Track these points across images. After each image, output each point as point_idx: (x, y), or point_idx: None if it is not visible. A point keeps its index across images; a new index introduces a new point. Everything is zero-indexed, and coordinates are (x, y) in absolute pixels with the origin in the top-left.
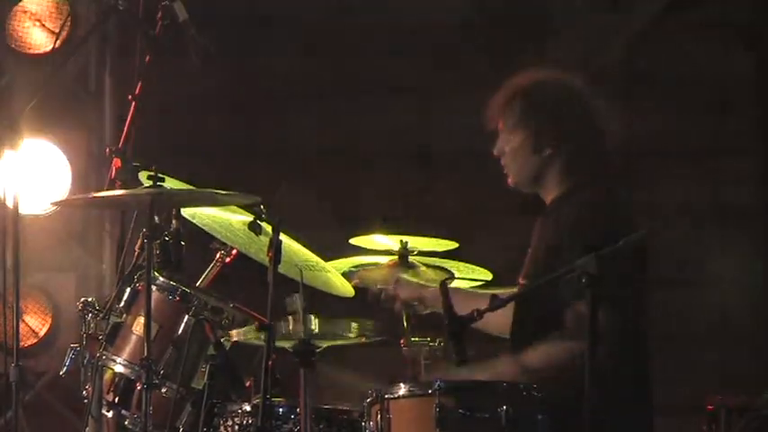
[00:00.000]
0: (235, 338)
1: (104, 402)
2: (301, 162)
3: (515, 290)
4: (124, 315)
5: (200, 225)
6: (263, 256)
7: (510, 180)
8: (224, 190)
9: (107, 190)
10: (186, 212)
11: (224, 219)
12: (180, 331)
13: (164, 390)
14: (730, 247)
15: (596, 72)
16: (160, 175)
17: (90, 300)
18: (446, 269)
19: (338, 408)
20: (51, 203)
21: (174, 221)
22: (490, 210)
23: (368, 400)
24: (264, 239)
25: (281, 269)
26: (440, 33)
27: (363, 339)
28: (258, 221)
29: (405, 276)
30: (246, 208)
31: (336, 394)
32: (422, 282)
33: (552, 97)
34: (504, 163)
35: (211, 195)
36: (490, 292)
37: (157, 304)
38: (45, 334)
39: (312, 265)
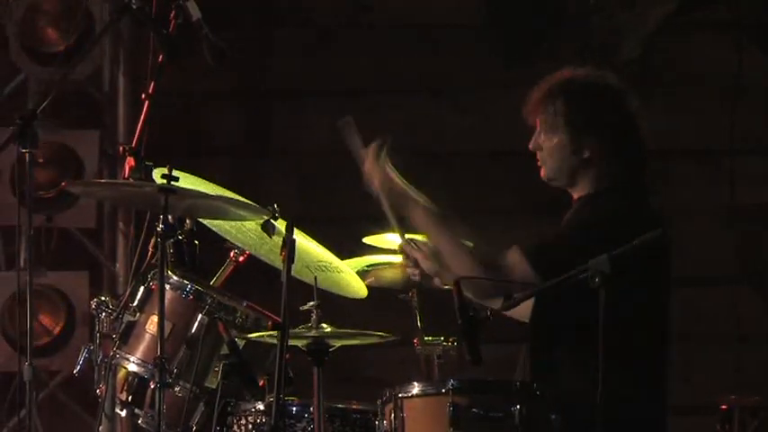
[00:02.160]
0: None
1: (118, 401)
2: (315, 161)
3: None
4: (138, 314)
5: (209, 226)
6: (275, 257)
7: (543, 174)
8: (237, 189)
9: None
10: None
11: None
12: (193, 330)
13: (177, 389)
14: (745, 247)
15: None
16: (174, 174)
17: (103, 299)
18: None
19: (352, 407)
20: (62, 185)
21: (187, 220)
22: (504, 209)
23: (381, 399)
24: (276, 240)
25: (293, 271)
26: (453, 33)
27: (377, 339)
28: (271, 221)
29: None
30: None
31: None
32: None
33: (596, 98)
34: (539, 158)
35: (223, 200)
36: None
37: (171, 303)
38: (58, 333)
39: (325, 266)
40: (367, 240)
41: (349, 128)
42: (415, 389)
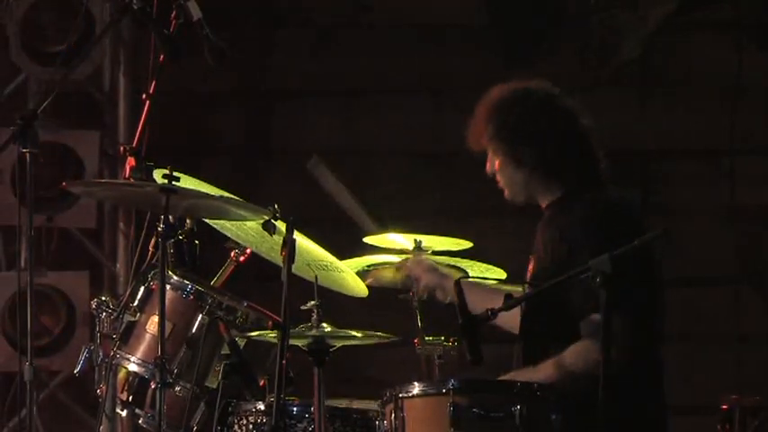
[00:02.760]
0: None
1: (118, 401)
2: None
3: (527, 289)
4: (138, 314)
5: (210, 223)
6: (275, 255)
7: (507, 195)
8: (237, 189)
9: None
10: None
11: None
12: (194, 330)
13: (178, 389)
14: (745, 247)
15: (611, 72)
16: (175, 174)
17: (104, 299)
18: (460, 268)
19: (352, 407)
20: (63, 185)
21: (188, 220)
22: (504, 209)
23: (382, 399)
24: (277, 239)
25: (294, 269)
26: (453, 33)
27: (377, 339)
28: (272, 221)
29: (427, 258)
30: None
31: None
32: (444, 270)
33: (518, 108)
34: (499, 180)
35: (223, 200)
36: (505, 289)
37: (171, 303)
38: (59, 333)
39: (325, 265)
40: (367, 240)
41: (319, 167)
42: (416, 389)
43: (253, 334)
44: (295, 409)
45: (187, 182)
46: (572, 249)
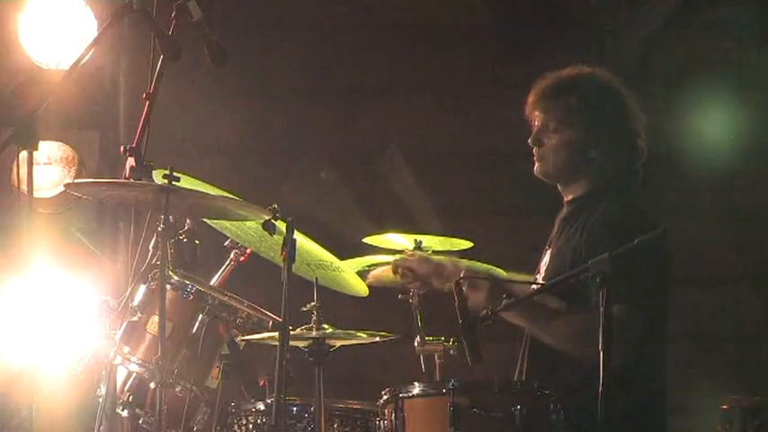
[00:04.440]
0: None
1: (119, 401)
2: (315, 161)
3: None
4: (138, 314)
5: (210, 223)
6: (275, 255)
7: (539, 170)
8: (237, 189)
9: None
10: None
11: None
12: (194, 330)
13: (178, 389)
14: (745, 247)
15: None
16: (175, 175)
17: (104, 299)
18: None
19: (352, 407)
20: (63, 186)
21: (188, 220)
22: (504, 209)
23: (382, 399)
24: (277, 238)
25: (294, 269)
26: (453, 33)
27: (378, 339)
28: (272, 221)
29: (422, 252)
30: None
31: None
32: (435, 258)
33: (608, 97)
34: (539, 153)
35: (224, 200)
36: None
37: (172, 303)
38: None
39: (326, 265)
40: (367, 240)
41: (395, 157)
42: (416, 389)
43: (254, 337)
44: (295, 409)
45: (187, 182)
46: (593, 249)
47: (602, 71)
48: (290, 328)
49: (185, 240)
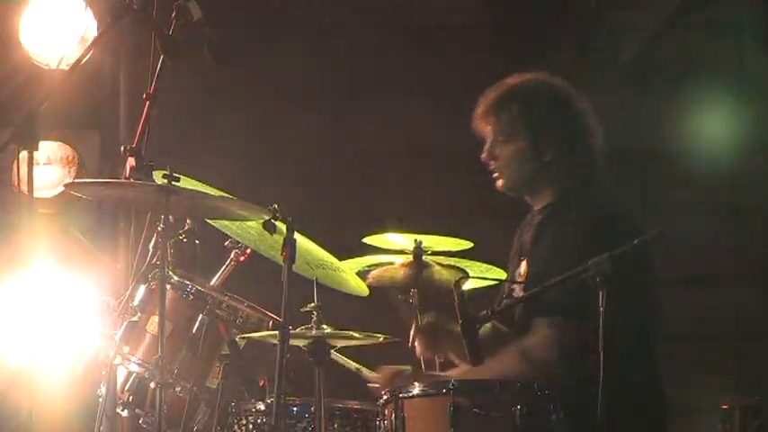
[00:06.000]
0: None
1: (119, 401)
2: (315, 161)
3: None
4: (138, 314)
5: (210, 222)
6: (275, 253)
7: (501, 184)
8: (237, 189)
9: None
10: None
11: None
12: (194, 330)
13: (178, 389)
14: (745, 247)
15: (611, 71)
16: (175, 175)
17: (104, 299)
18: (460, 268)
19: (352, 407)
20: (63, 186)
21: (188, 220)
22: (504, 209)
23: (382, 399)
24: (277, 238)
25: (294, 268)
26: (453, 33)
27: (377, 339)
28: (272, 220)
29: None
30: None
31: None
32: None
33: (549, 100)
34: (495, 168)
35: (224, 200)
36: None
37: (172, 303)
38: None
39: (326, 265)
40: (367, 240)
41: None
42: (416, 389)
43: (254, 335)
44: (295, 409)
45: (187, 182)
46: (568, 253)
47: (545, 75)
48: (290, 327)
49: (185, 240)
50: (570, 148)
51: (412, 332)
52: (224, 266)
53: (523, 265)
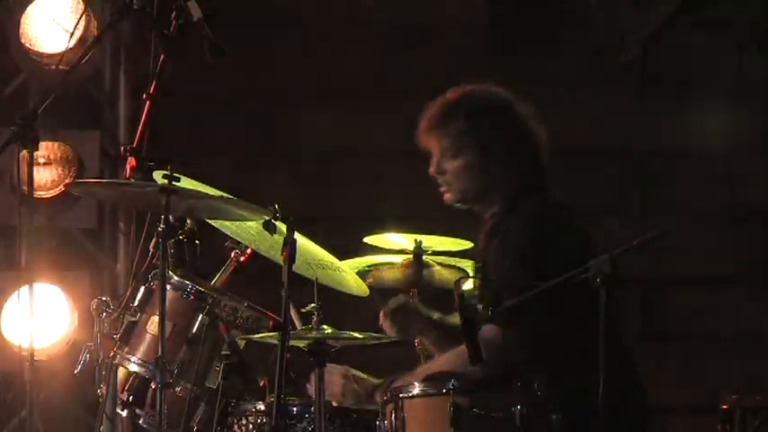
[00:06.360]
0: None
1: (119, 401)
2: (315, 161)
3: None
4: (138, 314)
5: (210, 222)
6: (275, 253)
7: (450, 199)
8: (237, 189)
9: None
10: None
11: None
12: (194, 330)
13: (178, 389)
14: (745, 247)
15: (611, 71)
16: (175, 175)
17: (104, 299)
18: (461, 268)
19: (352, 407)
20: (63, 186)
21: (188, 220)
22: None
23: (382, 398)
24: (278, 238)
25: (294, 268)
26: (453, 33)
27: (377, 339)
28: (272, 220)
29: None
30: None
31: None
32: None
33: (493, 111)
34: (442, 182)
35: (224, 200)
36: None
37: (172, 303)
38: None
39: (326, 264)
40: (367, 240)
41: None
42: (416, 389)
43: (254, 336)
44: (295, 409)
45: (187, 182)
46: (511, 261)
47: (485, 86)
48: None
49: (185, 240)
50: (516, 157)
51: (381, 313)
52: (224, 267)
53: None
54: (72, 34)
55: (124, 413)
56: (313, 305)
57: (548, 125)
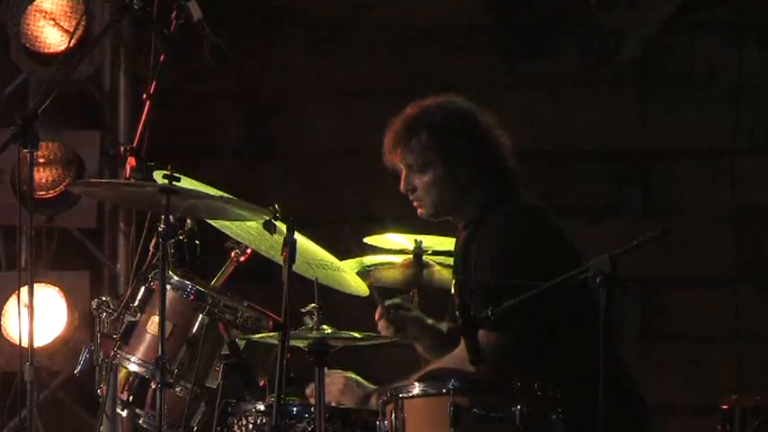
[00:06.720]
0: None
1: (119, 401)
2: (315, 161)
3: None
4: (138, 314)
5: (210, 222)
6: (275, 253)
7: (423, 213)
8: (237, 189)
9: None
10: None
11: None
12: (194, 330)
13: (178, 389)
14: (745, 247)
15: (611, 72)
16: (176, 175)
17: (104, 299)
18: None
19: (352, 407)
20: (63, 186)
21: (188, 220)
22: None
23: (383, 399)
24: (278, 238)
25: (294, 268)
26: (454, 32)
27: (377, 340)
28: (272, 220)
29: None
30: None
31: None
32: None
33: (456, 123)
34: (415, 197)
35: (224, 200)
36: None
37: (172, 303)
38: (60, 333)
39: (326, 264)
40: (367, 240)
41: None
42: (416, 389)
43: (254, 336)
44: (295, 409)
45: (187, 182)
46: (496, 266)
47: (445, 98)
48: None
49: (185, 240)
50: (483, 166)
51: (377, 313)
52: (224, 267)
53: (455, 287)
54: (72, 34)
55: (124, 413)
56: (313, 305)
57: (547, 125)
